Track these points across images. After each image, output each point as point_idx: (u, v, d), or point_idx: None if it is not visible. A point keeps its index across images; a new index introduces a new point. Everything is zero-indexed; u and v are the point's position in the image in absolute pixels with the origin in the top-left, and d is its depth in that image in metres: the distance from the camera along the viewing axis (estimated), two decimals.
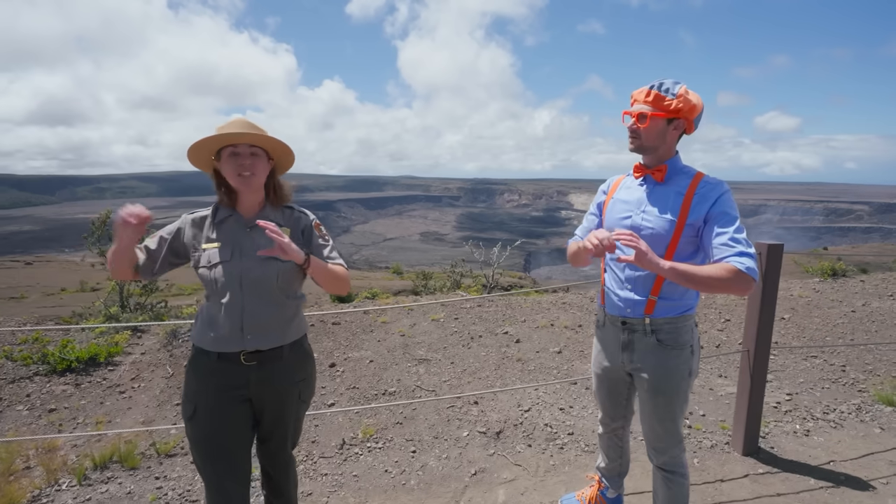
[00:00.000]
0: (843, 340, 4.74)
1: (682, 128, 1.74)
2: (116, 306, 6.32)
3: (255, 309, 1.64)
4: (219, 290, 1.62)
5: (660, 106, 1.68)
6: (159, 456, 2.98)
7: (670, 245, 1.72)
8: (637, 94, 1.75)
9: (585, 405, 3.53)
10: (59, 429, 3.42)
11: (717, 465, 2.73)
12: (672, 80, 1.70)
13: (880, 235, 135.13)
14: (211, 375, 1.65)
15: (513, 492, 2.56)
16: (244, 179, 1.60)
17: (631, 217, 1.81)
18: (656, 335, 1.80)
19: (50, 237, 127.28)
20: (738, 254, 1.57)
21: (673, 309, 1.78)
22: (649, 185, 1.81)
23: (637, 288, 1.80)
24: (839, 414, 3.30)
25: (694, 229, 1.70)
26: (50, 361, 4.31)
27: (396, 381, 4.09)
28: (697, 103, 1.70)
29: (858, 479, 2.59)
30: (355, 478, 2.73)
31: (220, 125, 1.63)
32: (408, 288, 15.56)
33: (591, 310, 6.00)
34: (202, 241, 1.66)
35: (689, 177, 1.75)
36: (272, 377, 1.69)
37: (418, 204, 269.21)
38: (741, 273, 1.54)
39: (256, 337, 1.64)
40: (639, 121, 1.71)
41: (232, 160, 1.59)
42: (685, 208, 1.70)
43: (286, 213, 1.76)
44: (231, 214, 1.68)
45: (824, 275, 7.81)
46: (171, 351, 4.77)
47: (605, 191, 2.00)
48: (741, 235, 1.61)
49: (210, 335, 1.63)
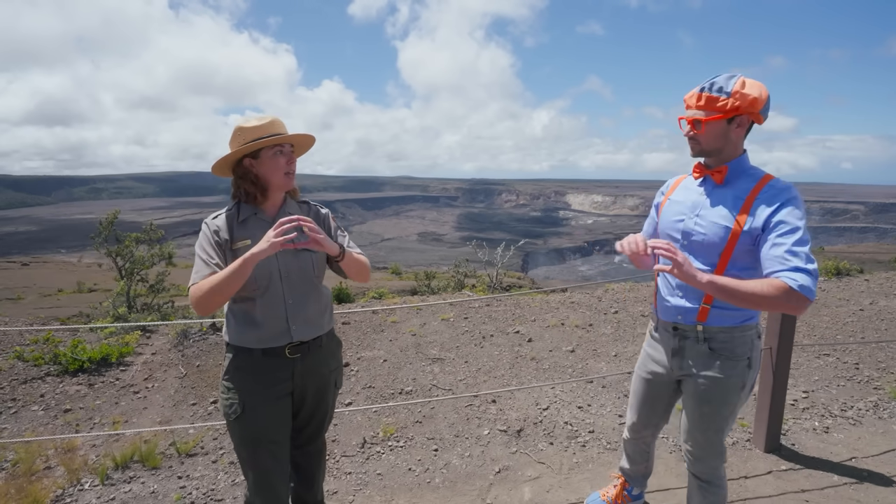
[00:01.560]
0: (854, 338, 4.77)
1: (746, 123, 1.62)
2: (124, 307, 6.30)
3: (297, 300, 1.66)
4: (258, 287, 1.61)
5: (714, 107, 1.57)
6: (180, 455, 2.97)
7: (724, 253, 1.61)
8: (689, 99, 1.66)
9: (604, 403, 3.54)
10: (77, 429, 3.40)
11: (740, 462, 2.74)
12: (726, 75, 1.59)
13: (875, 235, 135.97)
14: (256, 372, 1.65)
15: (538, 489, 2.57)
16: (290, 177, 1.65)
17: (684, 221, 1.72)
18: (709, 343, 1.70)
19: (46, 238, 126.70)
20: (793, 269, 1.41)
21: (730, 318, 1.67)
22: (708, 186, 1.70)
23: (688, 295, 1.71)
24: (857, 411, 3.32)
25: (752, 238, 1.57)
26: (62, 362, 4.30)
27: (412, 380, 4.09)
28: (759, 95, 1.55)
29: (882, 475, 2.60)
30: (379, 476, 2.73)
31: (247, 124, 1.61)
32: (407, 288, 15.55)
33: (601, 309, 6.02)
34: (232, 241, 1.64)
35: (754, 179, 1.61)
36: (314, 366, 1.72)
37: (416, 204, 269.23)
38: (792, 292, 1.39)
39: (301, 328, 1.66)
40: (694, 127, 1.63)
41: (279, 159, 1.62)
42: (743, 214, 1.57)
43: (304, 208, 1.79)
44: (255, 212, 1.67)
45: (829, 274, 7.85)
46: (183, 351, 4.76)
47: (663, 191, 1.91)
48: (801, 249, 1.44)
49: (252, 333, 1.63)
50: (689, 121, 1.64)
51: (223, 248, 1.61)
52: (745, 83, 1.57)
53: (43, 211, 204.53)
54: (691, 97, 1.65)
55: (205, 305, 1.49)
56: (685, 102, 1.68)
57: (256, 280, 1.59)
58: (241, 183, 1.65)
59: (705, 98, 1.59)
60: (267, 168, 1.62)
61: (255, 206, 1.67)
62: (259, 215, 1.67)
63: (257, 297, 1.62)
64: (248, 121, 1.63)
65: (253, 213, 1.66)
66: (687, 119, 1.65)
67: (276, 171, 1.62)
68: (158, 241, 7.77)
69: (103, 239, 6.93)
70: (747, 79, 1.58)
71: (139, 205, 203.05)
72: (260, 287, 1.61)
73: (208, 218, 1.67)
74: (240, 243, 1.62)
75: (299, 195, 1.80)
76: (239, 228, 1.64)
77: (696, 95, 1.62)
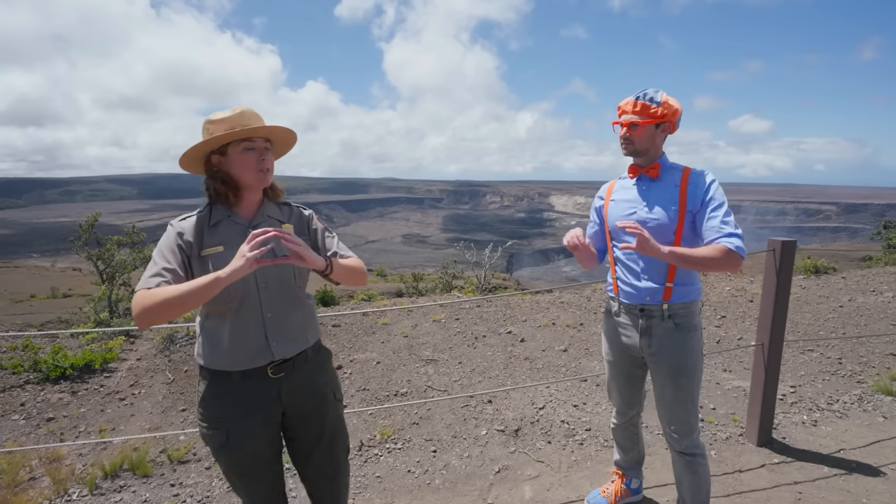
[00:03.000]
0: (836, 334, 4.91)
1: (667, 130, 1.92)
2: (106, 311, 6.12)
3: (277, 314, 1.48)
4: (233, 299, 1.42)
5: (647, 113, 1.86)
6: (172, 463, 2.89)
7: (676, 232, 1.86)
8: (625, 105, 1.91)
9: (599, 401, 3.57)
10: (61, 437, 3.29)
11: (733, 457, 2.79)
12: (653, 89, 1.88)
13: (847, 234, 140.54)
14: (236, 398, 1.46)
15: (539, 488, 2.57)
16: (264, 175, 1.47)
17: (635, 212, 1.94)
18: (673, 319, 1.91)
19: (18, 242, 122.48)
20: (728, 235, 1.75)
21: (687, 294, 1.91)
22: (645, 183, 1.96)
23: (653, 277, 1.92)
24: (843, 404, 3.41)
25: (692, 216, 1.86)
26: (42, 369, 4.16)
27: (406, 382, 4.06)
28: (678, 107, 1.90)
29: (869, 465, 2.68)
30: (378, 479, 2.70)
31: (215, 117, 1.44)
32: (394, 290, 15.47)
33: (591, 308, 6.08)
34: (201, 247, 1.44)
35: (679, 171, 1.92)
36: (304, 385, 1.55)
37: (400, 206, 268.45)
38: (731, 252, 1.72)
39: (282, 344, 1.49)
40: (630, 129, 1.89)
41: (249, 155, 1.44)
42: (683, 198, 1.86)
43: (285, 210, 1.61)
44: (229, 215, 1.48)
45: (807, 272, 8.08)
46: (170, 356, 4.65)
47: (601, 196, 2.13)
48: (730, 218, 1.79)
49: (226, 354, 1.44)
50: (626, 124, 1.90)
51: (186, 253, 1.42)
52: (669, 97, 1.88)
53: (13, 214, 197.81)
54: (627, 104, 1.90)
55: (150, 318, 1.27)
56: (620, 109, 1.93)
57: (230, 292, 1.40)
58: (211, 182, 1.47)
59: (640, 105, 1.86)
60: (235, 165, 1.44)
61: (228, 207, 1.49)
62: (233, 218, 1.48)
63: (232, 312, 1.43)
64: (217, 113, 1.45)
65: (226, 215, 1.48)
66: (623, 123, 1.91)
67: (246, 169, 1.44)
68: (141, 244, 7.57)
69: (83, 242, 6.72)
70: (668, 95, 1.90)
71: (116, 207, 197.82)
72: (234, 300, 1.42)
73: (175, 219, 1.47)
74: (210, 250, 1.43)
75: (283, 196, 1.61)
76: (210, 232, 1.45)
77: (633, 103, 1.88)
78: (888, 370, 3.92)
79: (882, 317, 5.34)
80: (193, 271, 1.42)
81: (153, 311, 1.28)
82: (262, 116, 1.49)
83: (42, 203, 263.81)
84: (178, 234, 1.43)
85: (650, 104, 1.85)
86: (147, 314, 1.28)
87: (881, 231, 15.79)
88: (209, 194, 1.49)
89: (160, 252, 1.41)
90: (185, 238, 1.43)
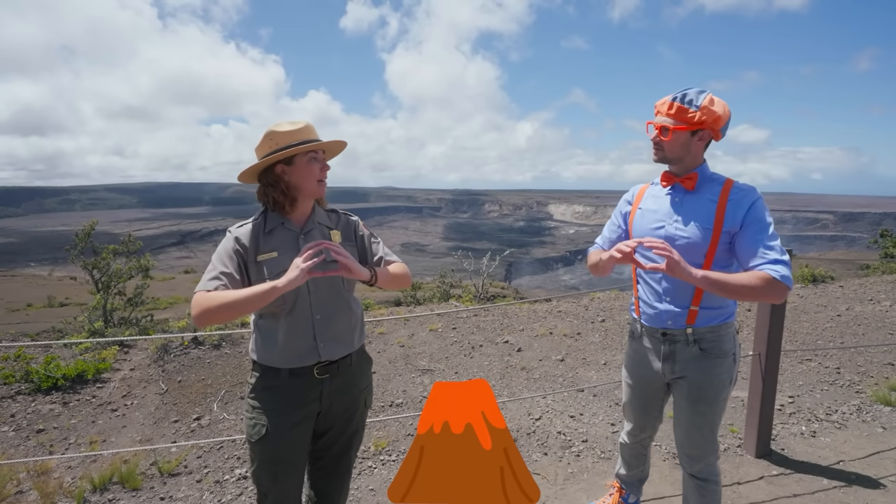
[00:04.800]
0: (834, 344, 4.89)
1: (707, 138, 1.71)
2: (101, 321, 6.08)
3: (326, 317, 1.58)
4: (286, 301, 1.52)
5: (683, 118, 1.66)
6: (162, 475, 2.85)
7: (708, 254, 1.69)
8: (660, 106, 1.72)
9: (595, 412, 3.54)
10: (51, 450, 3.24)
11: (732, 468, 2.75)
12: (696, 89, 1.66)
13: (845, 243, 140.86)
14: (282, 393, 1.56)
15: None
16: (323, 185, 1.59)
17: (664, 227, 1.76)
18: (699, 344, 1.76)
19: (15, 251, 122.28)
20: (772, 261, 1.56)
21: (715, 317, 1.75)
22: (678, 193, 1.77)
23: (676, 299, 1.76)
24: (841, 415, 3.38)
25: (729, 236, 1.67)
26: (34, 379, 4.11)
27: (402, 392, 4.02)
28: (723, 113, 1.66)
29: (868, 477, 2.65)
30: (372, 492, 2.66)
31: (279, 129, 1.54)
32: (392, 299, 15.41)
33: (588, 317, 6.06)
34: (257, 252, 1.54)
35: (720, 184, 1.72)
36: (343, 387, 1.64)
37: (399, 215, 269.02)
38: (775, 281, 1.53)
39: (329, 346, 1.58)
40: (661, 133, 1.70)
41: (313, 166, 1.55)
42: (720, 215, 1.67)
43: (333, 217, 1.71)
44: (282, 222, 1.59)
45: (805, 281, 8.08)
46: (163, 366, 4.61)
47: (629, 200, 1.95)
48: (775, 243, 1.59)
49: (278, 351, 1.54)
50: (658, 126, 1.71)
51: (243, 257, 1.52)
52: (714, 100, 1.65)
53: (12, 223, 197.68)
54: (663, 104, 1.71)
55: (208, 318, 1.38)
56: (656, 109, 1.75)
57: (284, 295, 1.48)
58: (270, 191, 1.56)
59: (676, 107, 1.66)
60: (300, 175, 1.55)
61: (282, 215, 1.59)
62: (286, 225, 1.59)
63: (284, 313, 1.53)
64: (281, 125, 1.56)
65: (280, 222, 1.58)
66: (655, 124, 1.72)
67: (310, 179, 1.55)
68: (136, 252, 7.54)
69: (79, 251, 6.69)
70: (715, 97, 1.66)
71: (116, 216, 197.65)
72: (287, 302, 1.52)
73: (233, 226, 1.59)
74: (265, 255, 1.53)
75: (326, 203, 1.72)
76: (265, 239, 1.55)
77: (668, 104, 1.69)
78: (886, 380, 3.90)
79: (880, 326, 5.32)
80: (249, 275, 1.52)
81: (212, 312, 1.37)
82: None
83: (41, 212, 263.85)
84: (235, 239, 1.53)
85: (688, 107, 1.64)
86: (206, 315, 1.37)
87: (878, 240, 15.84)
88: (265, 202, 1.59)
89: (219, 256, 1.51)
90: (242, 243, 1.53)
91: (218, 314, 1.37)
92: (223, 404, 3.88)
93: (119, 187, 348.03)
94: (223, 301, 1.38)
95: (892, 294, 6.73)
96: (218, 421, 3.62)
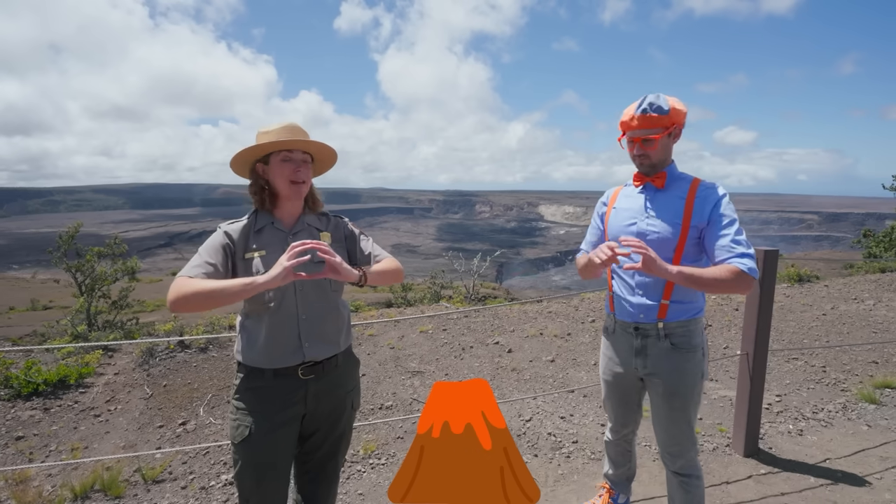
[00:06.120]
0: (819, 342, 4.95)
1: (678, 133, 1.81)
2: (84, 325, 5.95)
3: (312, 317, 1.57)
4: (271, 301, 1.52)
5: (659, 124, 1.73)
6: (146, 483, 2.79)
7: (677, 248, 1.76)
8: (630, 121, 1.75)
9: (586, 413, 3.54)
10: (30, 458, 3.16)
11: (720, 468, 2.76)
12: (654, 95, 1.74)
13: (829, 243, 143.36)
14: (266, 395, 1.55)
15: None
16: (297, 187, 1.57)
17: (636, 223, 1.83)
18: (670, 339, 1.81)
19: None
20: (740, 255, 1.64)
21: (685, 312, 1.81)
22: (650, 192, 1.85)
23: (648, 293, 1.81)
24: (827, 413, 3.42)
25: (698, 231, 1.75)
26: (14, 385, 4.01)
27: (392, 395, 3.99)
28: (684, 108, 1.78)
29: (854, 475, 2.67)
30: (361, 496, 2.63)
31: (265, 129, 1.57)
32: (383, 300, 15.36)
33: (578, 318, 6.07)
34: (244, 250, 1.56)
35: (687, 182, 1.81)
36: (329, 388, 1.62)
37: (391, 216, 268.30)
38: (743, 274, 1.61)
39: (315, 346, 1.57)
40: (645, 145, 1.76)
41: (285, 166, 1.55)
42: (688, 211, 1.75)
43: (323, 220, 1.71)
44: (271, 222, 1.60)
45: (791, 280, 8.19)
46: (148, 370, 4.52)
47: (605, 202, 2.02)
48: (741, 237, 1.67)
49: (262, 351, 1.53)
50: (638, 140, 1.76)
51: (230, 253, 1.53)
52: (673, 100, 1.75)
53: None
54: (633, 119, 1.74)
55: (182, 304, 1.36)
56: (625, 124, 1.78)
57: (269, 292, 1.50)
58: (254, 188, 1.61)
59: (649, 118, 1.71)
60: (273, 174, 1.56)
61: (271, 214, 1.61)
62: (276, 225, 1.60)
63: (269, 312, 1.53)
64: (268, 125, 1.59)
65: (269, 222, 1.60)
66: (635, 139, 1.77)
67: (282, 178, 1.55)
68: (122, 255, 7.41)
69: (62, 253, 6.56)
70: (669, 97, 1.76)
71: (102, 217, 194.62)
72: (271, 300, 1.51)
73: (225, 223, 1.60)
74: (253, 253, 1.54)
75: (321, 206, 1.72)
76: (254, 237, 1.57)
77: (641, 117, 1.72)
78: (871, 378, 3.95)
79: (864, 324, 5.40)
80: (237, 272, 1.53)
81: (188, 298, 1.36)
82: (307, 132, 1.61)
83: (24, 213, 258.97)
84: (225, 234, 1.55)
85: (659, 114, 1.71)
86: (181, 300, 1.36)
87: (861, 240, 16.14)
88: (255, 200, 1.61)
89: (206, 249, 1.51)
90: (231, 239, 1.54)
91: (193, 300, 1.36)
92: (210, 409, 3.82)
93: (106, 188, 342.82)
94: (200, 289, 1.37)
95: (875, 293, 6.85)
96: (204, 426, 3.56)
